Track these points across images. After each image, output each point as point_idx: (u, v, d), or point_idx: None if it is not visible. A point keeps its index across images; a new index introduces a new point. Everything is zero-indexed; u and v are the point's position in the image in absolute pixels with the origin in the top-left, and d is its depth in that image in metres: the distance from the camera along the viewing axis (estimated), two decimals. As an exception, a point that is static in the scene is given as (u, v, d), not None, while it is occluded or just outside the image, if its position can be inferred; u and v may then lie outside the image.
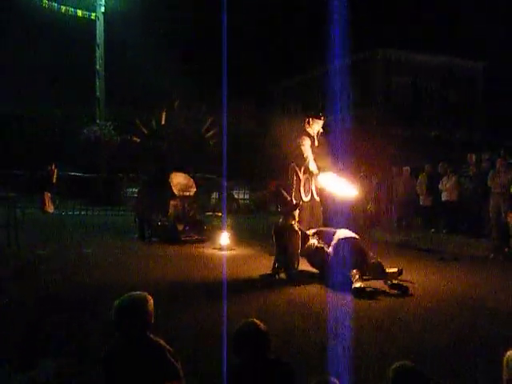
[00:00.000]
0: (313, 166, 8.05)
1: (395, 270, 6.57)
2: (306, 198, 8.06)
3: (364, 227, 12.22)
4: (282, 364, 2.73)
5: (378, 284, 6.44)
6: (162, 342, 2.71)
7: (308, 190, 8.15)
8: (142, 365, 2.55)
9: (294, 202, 7.57)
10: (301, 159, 8.10)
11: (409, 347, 4.38)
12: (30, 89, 22.49)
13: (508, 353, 2.16)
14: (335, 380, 2.34)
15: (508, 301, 6.08)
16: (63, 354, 3.64)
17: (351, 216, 8.98)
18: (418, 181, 12.48)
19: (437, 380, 2.96)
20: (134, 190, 15.60)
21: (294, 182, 8.08)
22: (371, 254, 6.84)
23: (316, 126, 8.22)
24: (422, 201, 12.30)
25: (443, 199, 11.65)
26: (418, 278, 7.06)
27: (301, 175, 8.07)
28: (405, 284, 6.37)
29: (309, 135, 8.17)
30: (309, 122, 8.20)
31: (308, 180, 8.13)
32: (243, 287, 6.37)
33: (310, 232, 7.37)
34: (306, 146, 8.07)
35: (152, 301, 2.77)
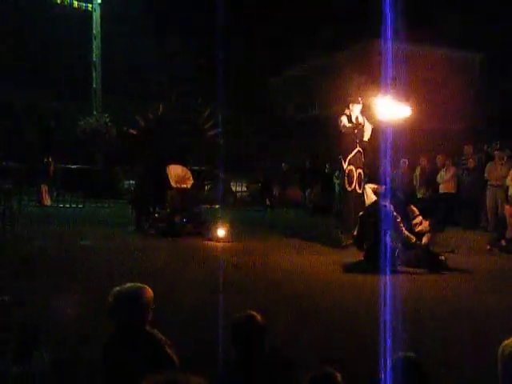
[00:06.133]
0: (348, 124, 8.88)
1: None
2: (349, 188, 8.87)
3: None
4: (280, 356, 2.73)
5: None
6: (158, 333, 2.71)
7: (352, 180, 8.84)
8: (139, 356, 2.55)
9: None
10: (347, 148, 8.94)
11: (410, 341, 4.39)
12: (25, 80, 22.35)
13: (503, 343, 2.17)
14: (333, 371, 2.33)
15: (504, 294, 6.11)
16: (59, 345, 3.64)
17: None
18: (415, 173, 12.48)
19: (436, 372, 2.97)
20: (131, 182, 15.54)
21: (344, 172, 8.91)
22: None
23: (356, 110, 9.04)
24: (420, 193, 12.30)
25: (441, 191, 11.66)
26: (415, 272, 7.09)
27: (345, 166, 8.81)
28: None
29: (346, 115, 9.00)
30: (348, 106, 9.02)
31: (352, 171, 8.81)
32: (240, 278, 6.38)
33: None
34: (344, 121, 8.97)
35: (151, 294, 2.75)
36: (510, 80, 21.41)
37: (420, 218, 7.52)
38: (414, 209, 7.68)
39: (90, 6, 19.02)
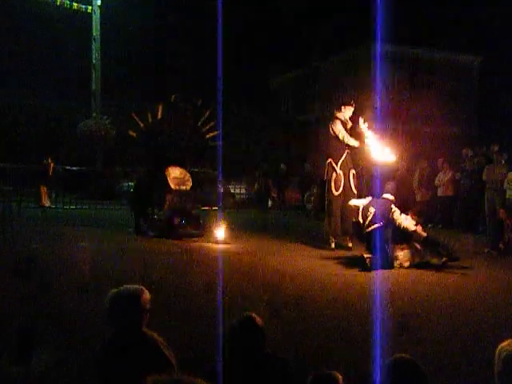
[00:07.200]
0: (352, 141, 8.58)
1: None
2: (336, 193, 8.63)
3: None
4: (278, 359, 2.73)
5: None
6: (155, 335, 2.72)
7: (339, 185, 8.61)
8: (136, 358, 2.56)
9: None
10: (336, 152, 8.68)
11: (406, 342, 4.40)
12: (25, 81, 22.38)
13: (500, 345, 2.19)
14: (336, 373, 2.34)
15: (501, 296, 6.13)
16: (61, 346, 3.64)
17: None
18: (414, 176, 12.51)
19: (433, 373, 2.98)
20: (130, 184, 15.55)
21: (332, 176, 8.67)
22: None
23: (348, 113, 8.84)
24: (418, 196, 12.32)
25: (439, 194, 11.69)
26: (412, 272, 7.11)
27: (337, 169, 8.60)
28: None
29: (340, 120, 8.77)
30: (340, 109, 8.81)
31: (339, 175, 8.63)
32: (238, 280, 6.38)
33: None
34: (339, 126, 8.68)
35: (148, 296, 2.76)
36: (508, 83, 21.47)
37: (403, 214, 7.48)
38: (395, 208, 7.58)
39: (89, 7, 19.03)
